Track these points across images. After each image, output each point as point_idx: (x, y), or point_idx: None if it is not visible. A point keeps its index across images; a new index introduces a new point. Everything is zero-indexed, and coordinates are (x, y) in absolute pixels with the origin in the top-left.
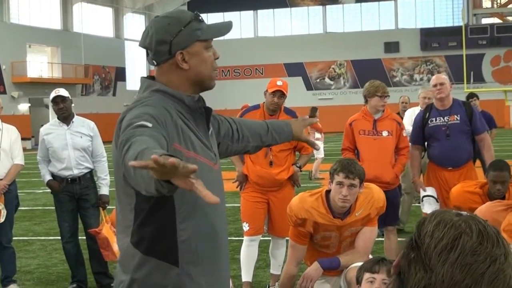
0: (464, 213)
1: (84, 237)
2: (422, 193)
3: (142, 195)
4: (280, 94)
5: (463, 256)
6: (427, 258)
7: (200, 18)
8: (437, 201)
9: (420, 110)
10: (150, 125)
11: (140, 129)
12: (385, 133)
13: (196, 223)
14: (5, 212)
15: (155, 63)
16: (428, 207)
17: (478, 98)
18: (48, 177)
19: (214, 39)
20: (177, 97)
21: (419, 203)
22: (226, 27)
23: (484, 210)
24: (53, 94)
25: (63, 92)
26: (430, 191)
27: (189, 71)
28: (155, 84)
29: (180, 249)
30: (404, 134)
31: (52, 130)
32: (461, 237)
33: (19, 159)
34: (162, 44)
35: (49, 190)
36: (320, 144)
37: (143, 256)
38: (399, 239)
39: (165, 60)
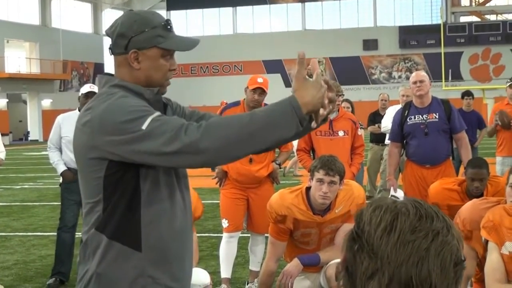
0: (400, 199)
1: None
2: (392, 193)
3: (110, 186)
4: (261, 91)
5: (403, 235)
6: (369, 245)
7: (169, 26)
8: None
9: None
10: (157, 112)
11: (164, 118)
12: (341, 133)
13: (160, 207)
14: None
15: (111, 52)
16: None
17: (473, 98)
18: (62, 167)
19: (183, 35)
20: (136, 91)
21: None
22: (190, 44)
23: (470, 207)
24: (87, 88)
25: (97, 90)
26: (399, 194)
27: (139, 72)
28: (113, 79)
29: (144, 234)
30: (359, 133)
31: (71, 120)
32: (398, 218)
33: (2, 155)
34: (122, 38)
35: (26, 186)
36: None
37: (108, 241)
38: None
39: (119, 53)
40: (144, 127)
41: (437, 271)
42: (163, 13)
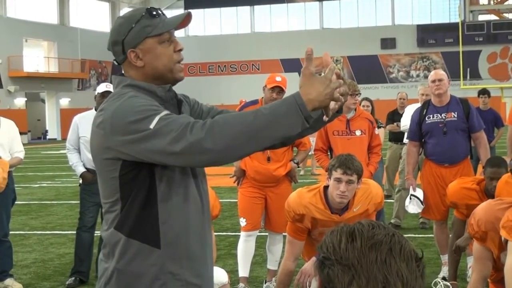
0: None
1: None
2: (411, 191)
3: (126, 186)
4: (279, 90)
5: (365, 241)
6: (338, 259)
7: (154, 13)
8: (422, 204)
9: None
10: (166, 111)
11: (172, 116)
12: (358, 133)
13: (176, 204)
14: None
15: (116, 62)
16: (412, 208)
17: (489, 96)
18: (81, 169)
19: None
20: (149, 89)
21: None
22: (177, 19)
23: (485, 207)
24: (103, 88)
25: (113, 89)
26: (419, 193)
27: (145, 68)
28: (126, 79)
29: (162, 231)
30: (376, 132)
31: (88, 120)
32: (355, 229)
33: (20, 153)
34: (116, 45)
35: (45, 184)
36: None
37: (126, 239)
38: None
39: (122, 59)
40: (152, 126)
41: (404, 266)
42: (180, 11)
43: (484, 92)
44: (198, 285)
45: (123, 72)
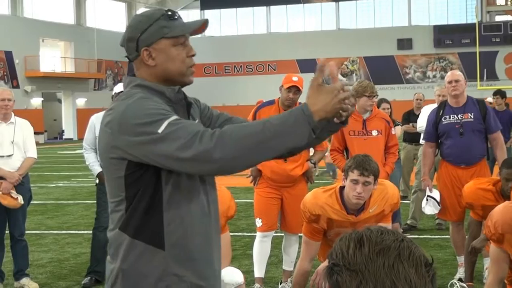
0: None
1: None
2: (428, 192)
3: (131, 186)
4: (296, 89)
5: (373, 246)
6: (346, 265)
7: (172, 15)
8: (439, 205)
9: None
10: (175, 116)
11: (181, 122)
12: (374, 133)
13: (182, 207)
14: (21, 197)
15: (128, 59)
16: (429, 209)
17: (502, 97)
18: (98, 168)
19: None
20: (157, 90)
21: None
22: (195, 24)
23: (502, 209)
24: (120, 88)
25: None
26: (435, 194)
27: (156, 68)
28: (135, 79)
29: (166, 232)
30: (393, 132)
31: None
32: (363, 235)
33: (32, 153)
34: (131, 41)
35: (61, 184)
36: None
37: (131, 240)
38: (412, 236)
39: (134, 56)
40: (160, 130)
41: (412, 271)
42: (197, 12)
43: (496, 93)
44: (203, 286)
45: (135, 71)
